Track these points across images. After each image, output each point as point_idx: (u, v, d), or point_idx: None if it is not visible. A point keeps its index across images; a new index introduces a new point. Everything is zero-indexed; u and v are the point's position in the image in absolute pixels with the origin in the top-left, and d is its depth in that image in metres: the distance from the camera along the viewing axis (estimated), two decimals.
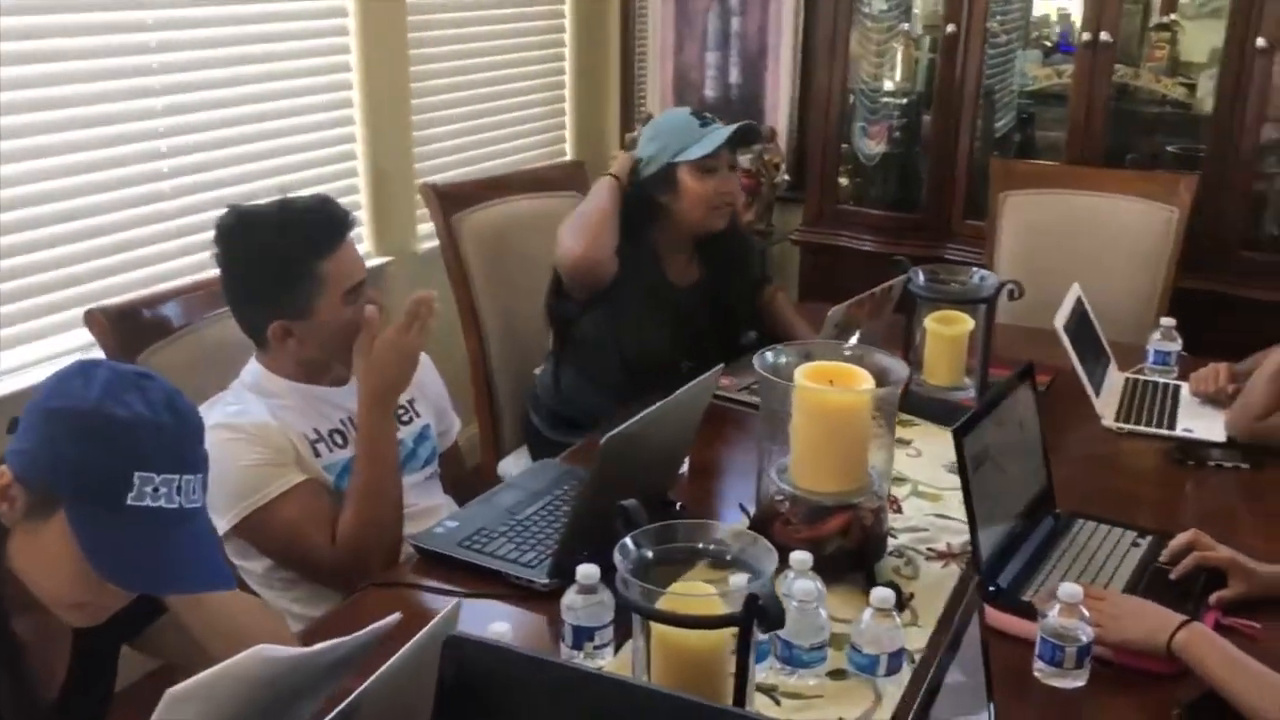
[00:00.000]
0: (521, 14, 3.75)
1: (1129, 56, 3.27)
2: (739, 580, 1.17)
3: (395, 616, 1.15)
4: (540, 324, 2.50)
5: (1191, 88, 3.28)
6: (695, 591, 1.21)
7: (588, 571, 1.43)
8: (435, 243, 3.31)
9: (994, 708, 1.13)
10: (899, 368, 1.59)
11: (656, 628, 1.18)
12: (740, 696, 1.14)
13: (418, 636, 1.10)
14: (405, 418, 1.97)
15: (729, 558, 1.21)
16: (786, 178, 3.84)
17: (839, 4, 3.44)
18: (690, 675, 1.19)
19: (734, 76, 3.99)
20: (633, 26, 4.09)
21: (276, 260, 1.73)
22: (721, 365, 1.81)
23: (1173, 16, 3.32)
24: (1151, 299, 2.91)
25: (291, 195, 1.80)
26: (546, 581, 1.59)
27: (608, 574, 1.29)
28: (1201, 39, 3.39)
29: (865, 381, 1.57)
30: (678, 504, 1.82)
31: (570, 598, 1.44)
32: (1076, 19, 3.39)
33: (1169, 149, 3.43)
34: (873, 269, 3.44)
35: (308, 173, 3.01)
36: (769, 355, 1.63)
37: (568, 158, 4.05)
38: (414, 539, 1.72)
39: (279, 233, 1.74)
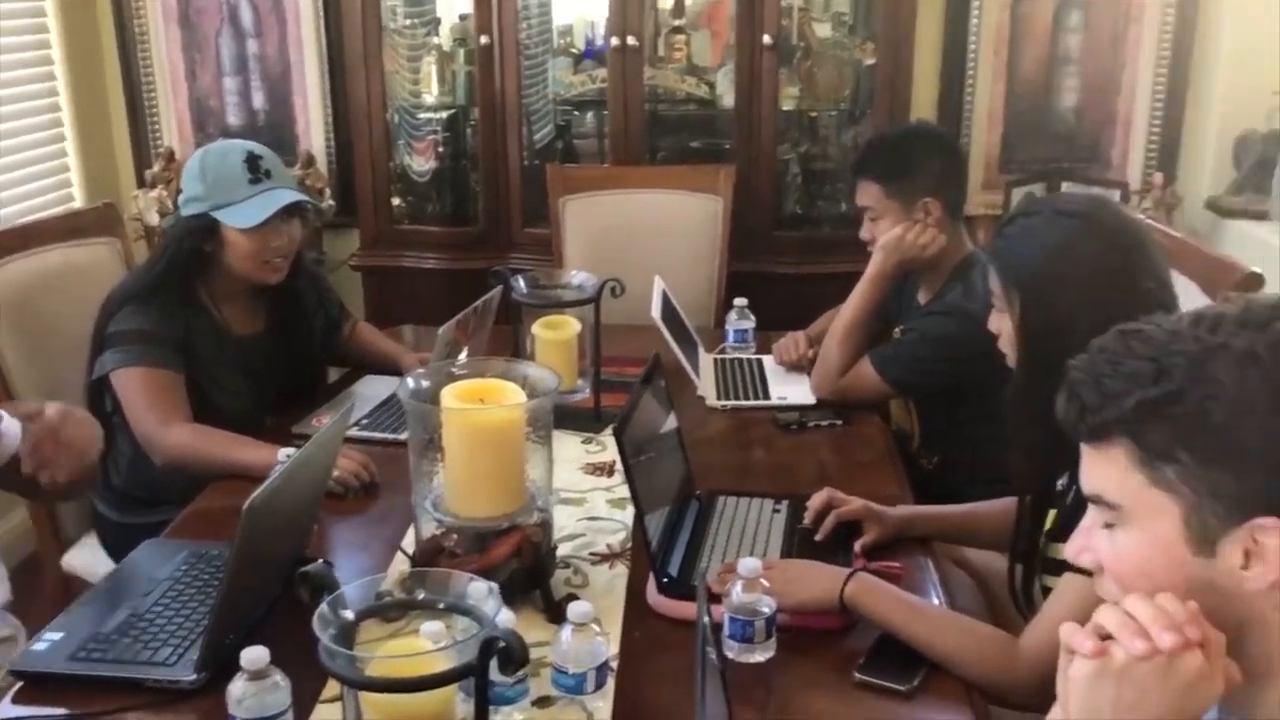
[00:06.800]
0: None
1: (651, 59, 3.46)
2: (465, 625, 1.07)
3: None
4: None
5: (711, 85, 3.52)
6: (410, 650, 1.09)
7: (255, 655, 1.25)
8: None
9: None
10: (548, 377, 1.55)
11: (374, 698, 1.06)
12: None
13: None
14: None
15: (442, 605, 1.10)
16: (331, 203, 3.67)
17: (366, 20, 3.33)
18: None
19: (259, 101, 3.74)
20: (134, 56, 3.71)
21: None
22: (350, 404, 1.68)
23: (683, 21, 3.55)
24: (710, 284, 3.10)
25: None
26: (195, 677, 1.38)
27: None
28: (704, 42, 3.66)
29: (516, 395, 1.51)
30: (320, 560, 1.65)
31: (239, 688, 1.26)
32: (599, 25, 3.54)
33: (693, 145, 3.66)
34: (441, 286, 3.42)
35: None
36: (410, 382, 1.53)
37: (76, 203, 3.61)
38: (12, 665, 1.42)
39: None
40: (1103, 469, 0.92)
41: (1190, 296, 1.87)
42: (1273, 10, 3.24)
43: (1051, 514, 1.48)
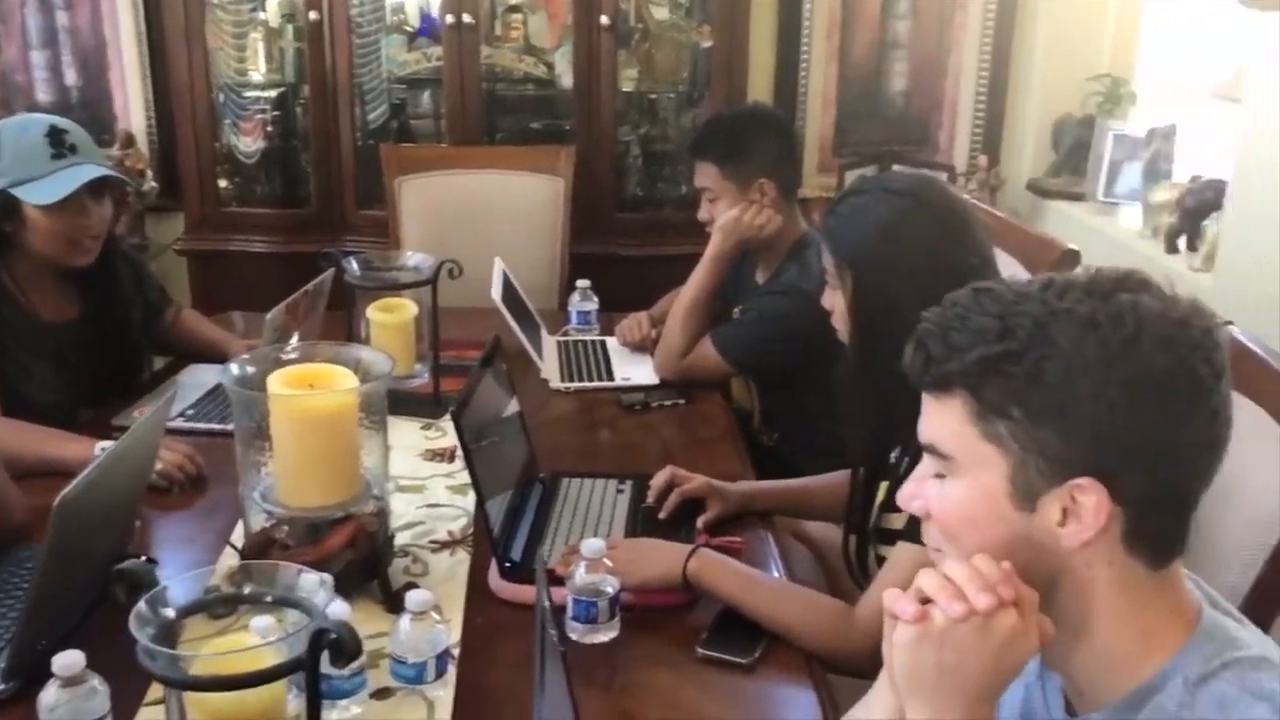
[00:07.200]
0: None
1: (488, 38, 3.41)
2: (296, 619, 1.03)
3: None
4: None
5: (550, 66, 3.49)
6: (235, 646, 1.05)
7: (69, 660, 1.19)
8: None
9: None
10: (381, 360, 1.50)
11: (198, 698, 1.01)
12: None
13: None
14: None
15: (269, 599, 1.06)
16: (155, 185, 3.51)
17: None
18: None
19: (71, 78, 3.54)
20: None
21: None
22: (172, 393, 1.60)
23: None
24: (552, 266, 3.07)
25: None
26: (4, 686, 1.30)
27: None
28: (541, 23, 3.62)
29: (348, 380, 1.46)
30: (143, 558, 1.57)
31: (51, 696, 1.19)
32: (433, 3, 3.46)
33: (532, 125, 3.62)
34: (271, 270, 3.30)
35: None
36: (234, 368, 1.46)
37: None
38: None
39: None
40: (940, 419, 0.94)
41: (1012, 273, 1.94)
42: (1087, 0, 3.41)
43: (884, 486, 1.51)
